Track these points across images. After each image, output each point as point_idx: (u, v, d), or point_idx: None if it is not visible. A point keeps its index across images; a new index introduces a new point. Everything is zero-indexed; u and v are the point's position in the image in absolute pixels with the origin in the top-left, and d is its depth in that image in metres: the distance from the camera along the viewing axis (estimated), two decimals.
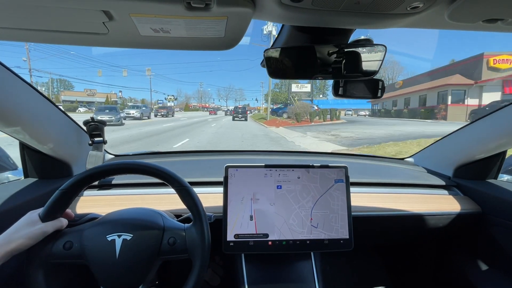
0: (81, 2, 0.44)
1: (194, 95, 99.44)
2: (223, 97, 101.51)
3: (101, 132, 1.01)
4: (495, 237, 1.00)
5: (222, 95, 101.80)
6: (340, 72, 0.67)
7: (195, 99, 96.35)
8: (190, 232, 0.63)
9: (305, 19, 0.55)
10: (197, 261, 0.60)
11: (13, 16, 0.49)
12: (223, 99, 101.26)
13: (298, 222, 0.83)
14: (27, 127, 0.78)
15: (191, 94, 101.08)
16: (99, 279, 0.59)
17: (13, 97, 0.70)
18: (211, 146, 8.05)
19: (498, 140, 0.96)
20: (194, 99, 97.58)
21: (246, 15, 0.51)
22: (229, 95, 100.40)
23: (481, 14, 0.48)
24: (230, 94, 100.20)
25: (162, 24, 0.52)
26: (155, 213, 0.68)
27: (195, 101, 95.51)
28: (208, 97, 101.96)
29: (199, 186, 0.99)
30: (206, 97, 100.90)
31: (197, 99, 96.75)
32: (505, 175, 1.16)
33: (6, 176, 1.04)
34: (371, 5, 0.47)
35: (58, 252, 0.59)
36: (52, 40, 0.61)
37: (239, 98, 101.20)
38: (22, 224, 0.57)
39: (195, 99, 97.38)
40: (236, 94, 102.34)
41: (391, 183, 1.12)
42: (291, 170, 0.85)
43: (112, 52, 79.91)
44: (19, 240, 0.55)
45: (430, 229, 1.03)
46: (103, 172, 0.63)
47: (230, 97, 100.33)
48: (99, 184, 1.02)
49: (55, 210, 0.60)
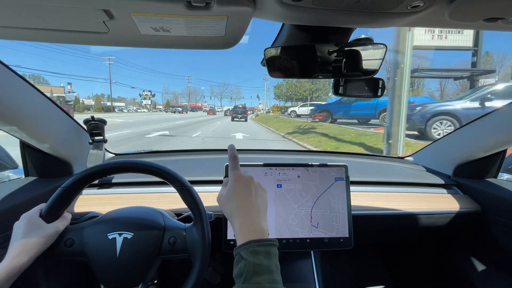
0: (81, 1, 0.44)
1: (184, 92, 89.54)
2: (217, 95, 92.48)
3: (101, 131, 1.01)
4: (494, 236, 1.00)
5: (216, 92, 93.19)
6: (340, 71, 0.67)
7: (185, 97, 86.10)
8: (191, 232, 0.63)
9: (306, 18, 0.55)
10: (197, 261, 0.60)
11: (13, 15, 0.49)
12: (217, 97, 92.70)
13: (298, 221, 0.83)
14: (28, 126, 0.78)
15: (181, 92, 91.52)
16: (99, 277, 0.60)
17: (14, 96, 0.70)
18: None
19: (498, 139, 0.96)
20: (184, 98, 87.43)
21: (246, 14, 0.51)
22: (223, 93, 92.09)
23: (482, 13, 0.48)
24: (224, 93, 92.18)
25: (162, 23, 0.52)
26: (156, 212, 0.68)
27: (185, 100, 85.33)
28: (200, 95, 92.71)
29: (199, 184, 1.00)
30: (197, 95, 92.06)
31: (186, 97, 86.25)
32: (505, 174, 1.16)
33: (7, 175, 1.04)
34: (372, 4, 0.47)
35: (59, 249, 0.59)
36: (52, 39, 0.61)
37: (235, 97, 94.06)
38: (27, 228, 0.56)
39: (184, 97, 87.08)
40: (232, 92, 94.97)
41: (391, 182, 1.12)
42: (291, 169, 0.85)
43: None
44: (37, 243, 0.55)
45: (430, 228, 1.03)
46: (105, 170, 0.63)
47: (224, 96, 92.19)
48: (99, 183, 1.02)
49: (57, 208, 0.61)
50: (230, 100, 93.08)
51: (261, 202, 0.55)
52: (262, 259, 0.46)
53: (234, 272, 0.47)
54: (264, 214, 0.54)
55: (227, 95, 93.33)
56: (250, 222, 0.51)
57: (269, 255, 0.47)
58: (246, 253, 0.46)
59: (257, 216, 0.52)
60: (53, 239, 0.58)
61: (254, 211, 0.52)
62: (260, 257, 0.46)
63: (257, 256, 0.46)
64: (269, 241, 0.49)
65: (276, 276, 0.46)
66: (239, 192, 0.54)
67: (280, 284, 0.46)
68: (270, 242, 0.49)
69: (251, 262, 0.45)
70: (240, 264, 0.46)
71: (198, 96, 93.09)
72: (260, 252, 0.47)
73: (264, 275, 0.45)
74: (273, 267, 0.47)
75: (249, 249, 0.47)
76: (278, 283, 0.45)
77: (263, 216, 0.53)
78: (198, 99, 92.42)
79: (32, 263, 0.54)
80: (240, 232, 0.50)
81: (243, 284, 0.44)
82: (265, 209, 0.56)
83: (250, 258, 0.46)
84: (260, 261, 0.46)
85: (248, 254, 0.46)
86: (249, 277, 0.44)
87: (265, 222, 0.53)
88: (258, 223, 0.52)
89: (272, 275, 0.45)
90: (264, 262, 0.46)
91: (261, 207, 0.54)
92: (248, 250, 0.47)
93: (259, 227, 0.51)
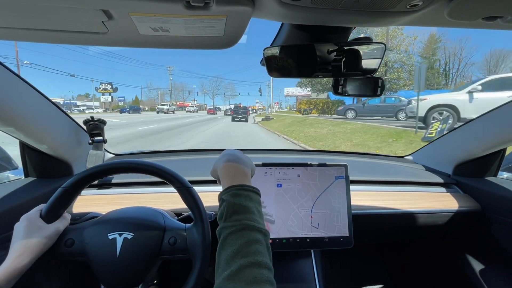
0: (80, 2, 0.44)
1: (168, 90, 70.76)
2: (208, 92, 78.11)
3: (101, 131, 1.01)
4: (494, 234, 1.00)
5: (207, 89, 79.51)
6: (340, 70, 0.67)
7: (169, 94, 68.90)
8: (191, 232, 0.63)
9: (305, 17, 0.55)
10: (197, 262, 0.60)
11: (12, 15, 0.49)
12: (208, 94, 78.37)
13: (298, 221, 0.83)
14: (27, 127, 0.78)
15: (166, 89, 73.02)
16: (99, 277, 0.60)
17: (13, 97, 0.70)
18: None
19: (497, 137, 0.96)
20: (167, 95, 70.19)
21: (245, 14, 0.51)
22: (216, 90, 77.91)
23: (481, 11, 0.48)
24: (217, 90, 78.47)
25: (161, 23, 0.52)
26: (156, 212, 0.68)
27: (169, 98, 68.31)
28: (186, 91, 76.60)
29: (199, 184, 0.99)
30: (184, 92, 76.33)
31: (172, 94, 68.59)
32: (505, 173, 1.16)
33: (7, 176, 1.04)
34: (371, 3, 0.47)
35: (59, 249, 0.59)
36: (51, 39, 0.61)
37: (229, 94, 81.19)
38: (28, 229, 0.56)
39: (168, 94, 69.59)
40: (226, 89, 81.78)
41: (390, 181, 1.12)
42: (291, 168, 0.85)
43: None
44: (38, 244, 0.55)
45: (430, 226, 1.04)
46: (106, 170, 0.63)
47: (217, 93, 78.35)
48: (99, 183, 1.02)
49: (57, 208, 0.61)
50: (224, 97, 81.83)
51: (245, 157, 0.60)
52: (242, 200, 0.48)
53: (217, 215, 0.49)
54: (248, 162, 0.59)
55: (220, 92, 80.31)
56: (235, 170, 0.55)
57: (250, 198, 0.49)
58: (227, 196, 0.48)
59: (243, 168, 0.56)
60: (54, 239, 0.59)
61: (240, 160, 0.57)
62: (240, 199, 0.48)
63: (237, 198, 0.48)
64: (250, 187, 0.51)
65: (257, 217, 0.47)
66: (228, 157, 0.58)
67: (262, 225, 0.47)
68: (251, 188, 0.51)
69: (231, 202, 0.47)
70: (222, 207, 0.48)
71: (185, 93, 77.74)
72: (241, 195, 0.48)
73: (244, 214, 0.46)
74: (254, 209, 0.48)
75: (230, 192, 0.49)
76: (259, 223, 0.46)
77: (247, 164, 0.58)
78: (186, 96, 77.24)
79: (33, 264, 0.54)
80: (226, 179, 0.53)
81: (224, 223, 0.46)
82: (250, 163, 0.61)
83: (230, 199, 0.47)
84: (240, 201, 0.47)
85: (229, 196, 0.48)
86: (229, 216, 0.46)
87: (248, 168, 0.57)
88: (243, 170, 0.55)
89: (252, 215, 0.46)
90: (244, 203, 0.47)
91: (247, 163, 0.59)
92: (229, 193, 0.49)
93: (243, 172, 0.55)
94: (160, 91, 75.35)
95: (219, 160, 0.59)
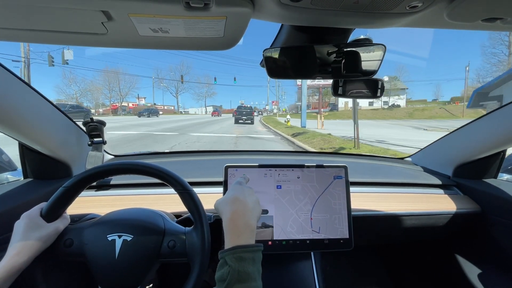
0: (80, 2, 0.44)
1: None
2: (169, 87, 58.45)
3: (100, 133, 1.01)
4: (494, 236, 1.00)
5: (168, 83, 59.80)
6: (339, 71, 0.67)
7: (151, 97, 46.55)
8: (191, 237, 0.62)
9: (304, 18, 0.55)
10: (196, 266, 0.59)
11: (11, 16, 0.49)
12: (169, 90, 58.93)
13: (298, 223, 0.83)
14: (26, 128, 0.77)
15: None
16: (97, 278, 0.59)
17: (12, 98, 0.70)
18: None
19: (497, 139, 0.96)
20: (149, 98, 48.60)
21: (245, 15, 0.51)
22: (183, 85, 56.59)
23: (480, 13, 0.48)
24: (186, 84, 57.44)
25: (161, 24, 0.52)
26: (156, 215, 0.67)
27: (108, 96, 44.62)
28: (132, 85, 49.71)
29: (198, 186, 0.99)
30: (130, 86, 48.99)
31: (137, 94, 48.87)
32: (505, 174, 1.16)
33: (6, 177, 1.04)
34: (370, 5, 0.47)
35: (58, 248, 0.59)
36: (51, 40, 0.61)
37: (207, 93, 63.29)
38: (27, 227, 0.56)
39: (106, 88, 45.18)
40: (200, 85, 63.71)
41: (390, 182, 1.12)
42: (291, 170, 0.85)
43: None
44: (37, 242, 0.55)
45: (430, 228, 1.03)
46: (107, 171, 0.63)
47: (185, 89, 58.60)
48: (98, 185, 1.01)
49: (57, 207, 0.60)
50: (195, 96, 63.11)
51: (254, 204, 0.58)
52: (246, 265, 0.46)
53: (216, 275, 0.47)
54: (255, 214, 0.57)
55: (191, 88, 58.93)
56: (242, 225, 0.53)
57: (253, 261, 0.48)
58: (231, 259, 0.47)
59: (249, 220, 0.54)
60: (53, 238, 0.58)
61: (247, 211, 0.55)
62: (245, 264, 0.46)
63: (242, 262, 0.46)
64: (255, 247, 0.50)
65: (258, 281, 0.47)
66: (235, 198, 0.57)
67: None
68: (256, 248, 0.50)
69: (235, 269, 0.46)
70: (224, 270, 0.46)
71: (130, 88, 50.36)
72: (245, 259, 0.47)
73: (246, 282, 0.45)
74: (256, 273, 0.47)
75: (235, 255, 0.47)
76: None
77: (254, 215, 0.56)
78: (127, 91, 49.28)
79: (31, 263, 0.54)
80: (231, 235, 0.51)
81: None
82: (258, 211, 0.58)
83: (235, 264, 0.46)
84: (244, 268, 0.46)
85: (234, 261, 0.46)
86: (232, 284, 0.45)
87: (255, 221, 0.55)
88: (250, 224, 0.53)
89: (254, 282, 0.46)
90: (248, 269, 0.46)
91: (254, 208, 0.57)
92: (234, 256, 0.47)
93: (250, 228, 0.53)
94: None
95: (225, 204, 0.56)
